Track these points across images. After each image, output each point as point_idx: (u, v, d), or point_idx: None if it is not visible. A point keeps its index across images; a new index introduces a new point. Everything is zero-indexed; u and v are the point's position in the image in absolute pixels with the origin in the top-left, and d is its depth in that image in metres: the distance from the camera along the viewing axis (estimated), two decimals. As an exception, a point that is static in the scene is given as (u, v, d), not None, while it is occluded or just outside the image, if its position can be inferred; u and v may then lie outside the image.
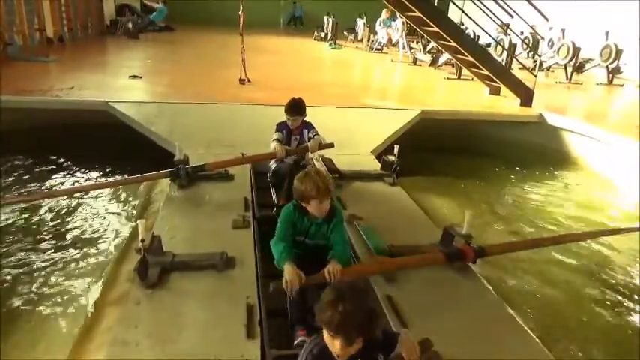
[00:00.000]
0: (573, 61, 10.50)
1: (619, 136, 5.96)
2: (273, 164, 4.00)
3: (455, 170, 6.10)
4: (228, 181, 4.12)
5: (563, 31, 11.03)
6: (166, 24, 16.99)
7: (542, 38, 8.31)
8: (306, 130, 3.93)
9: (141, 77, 7.66)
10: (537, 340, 2.41)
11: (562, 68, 11.17)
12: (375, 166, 4.78)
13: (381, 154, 5.26)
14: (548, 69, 11.87)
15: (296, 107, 3.82)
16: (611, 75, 10.62)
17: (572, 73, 10.64)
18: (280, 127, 3.94)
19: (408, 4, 6.60)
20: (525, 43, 11.51)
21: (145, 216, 3.96)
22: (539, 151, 6.67)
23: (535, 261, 4.04)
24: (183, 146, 4.64)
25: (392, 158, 4.32)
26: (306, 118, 4.03)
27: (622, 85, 10.65)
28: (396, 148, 4.27)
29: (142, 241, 2.48)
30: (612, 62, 10.37)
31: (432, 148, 6.31)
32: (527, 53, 12.41)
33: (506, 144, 6.78)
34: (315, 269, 2.33)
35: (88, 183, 4.85)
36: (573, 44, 10.33)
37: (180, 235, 3.15)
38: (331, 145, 4.03)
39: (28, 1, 10.02)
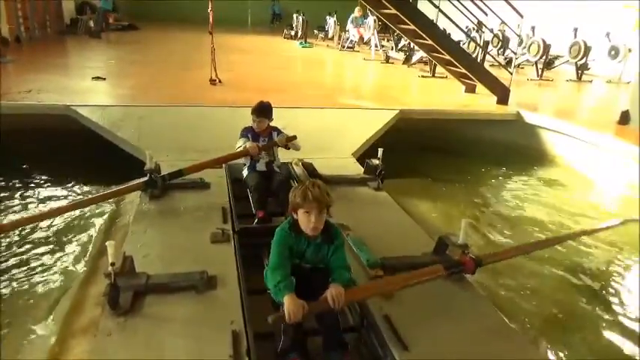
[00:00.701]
0: (544, 58, 10.59)
1: (597, 132, 5.96)
2: (245, 171, 3.79)
3: (436, 171, 5.97)
4: (204, 189, 3.86)
5: (533, 28, 11.13)
6: (130, 23, 16.41)
7: (519, 36, 8.28)
8: (275, 133, 3.81)
9: (104, 79, 7.25)
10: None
11: (531, 65, 11.28)
12: (357, 169, 4.60)
13: (361, 156, 5.11)
14: (517, 66, 11.96)
15: (263, 109, 3.71)
16: (580, 71, 10.78)
17: (542, 70, 10.74)
18: (245, 132, 3.76)
19: (385, 1, 6.44)
20: (498, 39, 11.57)
21: (114, 230, 3.67)
22: (518, 150, 6.62)
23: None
24: (153, 153, 4.37)
25: (376, 162, 4.13)
26: (282, 120, 3.92)
27: (591, 82, 10.83)
28: (380, 151, 4.08)
29: (112, 264, 2.22)
30: (581, 59, 10.52)
31: (410, 148, 6.18)
32: (498, 50, 12.48)
33: (484, 143, 6.71)
34: (312, 296, 2.09)
35: (51, 205, 4.30)
36: (544, 41, 10.42)
37: (155, 252, 2.88)
38: (294, 137, 3.84)
39: (-19, -2, 9.44)
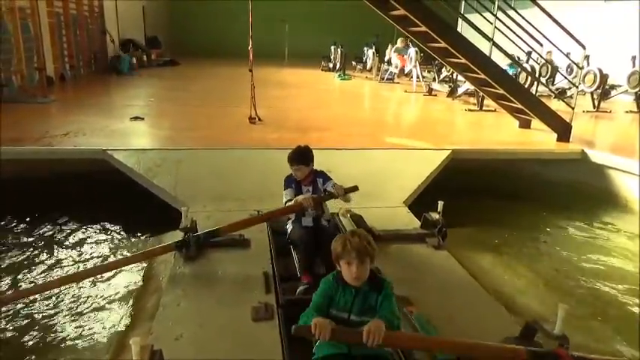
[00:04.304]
0: (600, 89, 9.91)
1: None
2: (289, 226, 3.40)
3: (494, 218, 5.34)
4: (244, 248, 3.50)
5: (587, 57, 10.49)
6: (172, 58, 16.69)
7: (581, 68, 7.71)
8: (321, 180, 3.41)
9: (143, 119, 7.11)
10: None
11: (583, 94, 10.59)
12: (410, 220, 4.15)
13: (413, 203, 4.67)
14: (569, 97, 11.29)
15: (297, 156, 3.36)
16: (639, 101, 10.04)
17: (599, 102, 10.06)
18: (289, 181, 3.42)
19: (435, 36, 6.06)
20: (547, 68, 10.96)
21: (144, 297, 3.31)
22: (585, 193, 5.94)
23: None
24: (189, 202, 4.09)
25: (436, 216, 3.68)
26: (326, 164, 3.54)
27: (652, 112, 10.03)
28: (440, 204, 3.64)
29: (138, 367, 1.84)
30: (642, 88, 9.79)
31: (462, 192, 5.55)
32: (547, 80, 11.85)
33: (546, 185, 6.09)
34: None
35: (81, 269, 3.88)
36: (600, 71, 9.77)
37: (188, 333, 2.50)
38: (355, 188, 3.36)
39: (28, 38, 9.60)
